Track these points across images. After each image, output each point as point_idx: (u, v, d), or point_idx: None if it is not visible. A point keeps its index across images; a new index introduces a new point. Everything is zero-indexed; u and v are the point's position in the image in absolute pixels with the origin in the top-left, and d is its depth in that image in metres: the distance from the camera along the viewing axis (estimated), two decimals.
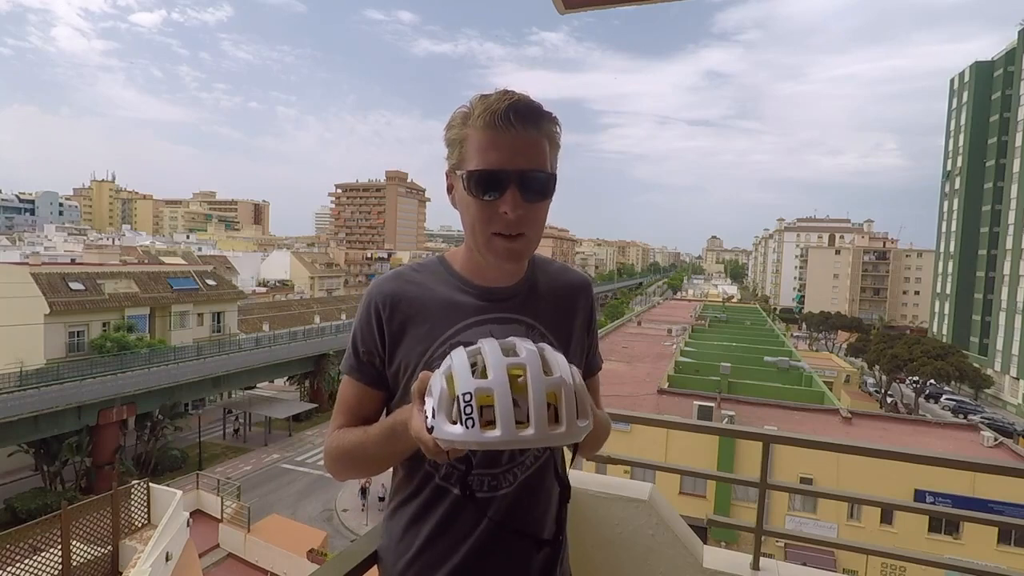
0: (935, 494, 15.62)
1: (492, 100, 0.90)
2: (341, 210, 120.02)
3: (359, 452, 0.98)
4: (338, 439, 1.02)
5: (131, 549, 9.79)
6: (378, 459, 0.98)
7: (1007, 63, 55.26)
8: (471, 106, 0.92)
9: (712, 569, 1.85)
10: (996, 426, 31.10)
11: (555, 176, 0.93)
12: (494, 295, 1.03)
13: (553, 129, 0.93)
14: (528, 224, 0.92)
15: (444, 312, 1.01)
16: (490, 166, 0.89)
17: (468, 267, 1.04)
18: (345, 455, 1.00)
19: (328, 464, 1.05)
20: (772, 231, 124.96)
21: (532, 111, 0.90)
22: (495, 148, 0.89)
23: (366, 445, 0.96)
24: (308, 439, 29.95)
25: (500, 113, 0.88)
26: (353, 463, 1.01)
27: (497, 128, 0.88)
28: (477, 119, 0.90)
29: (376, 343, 1.02)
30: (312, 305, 49.67)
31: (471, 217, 0.94)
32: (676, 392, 22.70)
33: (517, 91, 0.92)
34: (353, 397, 1.04)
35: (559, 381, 0.72)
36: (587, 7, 1.27)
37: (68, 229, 77.23)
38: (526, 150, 0.90)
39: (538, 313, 1.06)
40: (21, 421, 19.76)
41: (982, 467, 1.78)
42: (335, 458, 1.02)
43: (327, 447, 1.04)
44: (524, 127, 0.89)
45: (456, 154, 0.94)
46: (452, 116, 0.95)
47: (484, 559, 0.99)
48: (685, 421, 2.20)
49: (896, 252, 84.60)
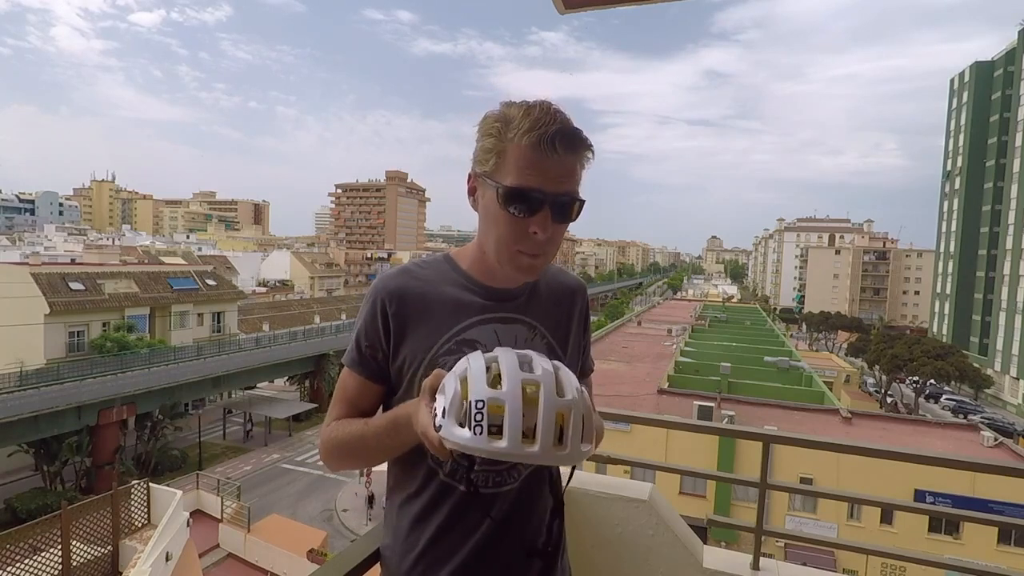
0: (935, 494, 15.63)
1: (537, 119, 0.89)
2: (341, 210, 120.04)
3: (357, 444, 0.99)
4: (336, 430, 1.02)
5: (131, 549, 9.81)
6: (377, 451, 0.98)
7: (1007, 63, 55.30)
8: (510, 116, 0.92)
9: (712, 569, 1.85)
10: (996, 426, 31.11)
11: (583, 201, 0.95)
12: (498, 295, 1.05)
13: (588, 155, 0.94)
14: (551, 243, 0.95)
15: (449, 310, 1.02)
16: (530, 185, 0.90)
17: (475, 267, 1.06)
18: (343, 446, 1.01)
19: (323, 454, 1.05)
20: (772, 231, 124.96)
21: (576, 139, 0.91)
22: (536, 170, 0.89)
23: (366, 437, 0.97)
24: (308, 439, 29.95)
25: (547, 138, 0.88)
26: (350, 454, 1.01)
27: (542, 152, 0.89)
28: (522, 136, 0.89)
29: (380, 338, 1.02)
30: (312, 305, 49.69)
31: (499, 230, 0.94)
32: (676, 392, 22.71)
33: (558, 107, 0.92)
34: (353, 389, 1.05)
35: (570, 403, 0.75)
36: (587, 7, 1.27)
37: (68, 229, 77.22)
38: (564, 175, 0.91)
39: (539, 315, 1.09)
40: (21, 421, 19.78)
41: (982, 467, 1.78)
42: (331, 448, 1.03)
43: (324, 437, 1.05)
44: (566, 153, 0.90)
45: (492, 163, 0.93)
46: (488, 120, 0.94)
47: (489, 555, 1.00)
48: (685, 421, 2.20)
49: (896, 252, 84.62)
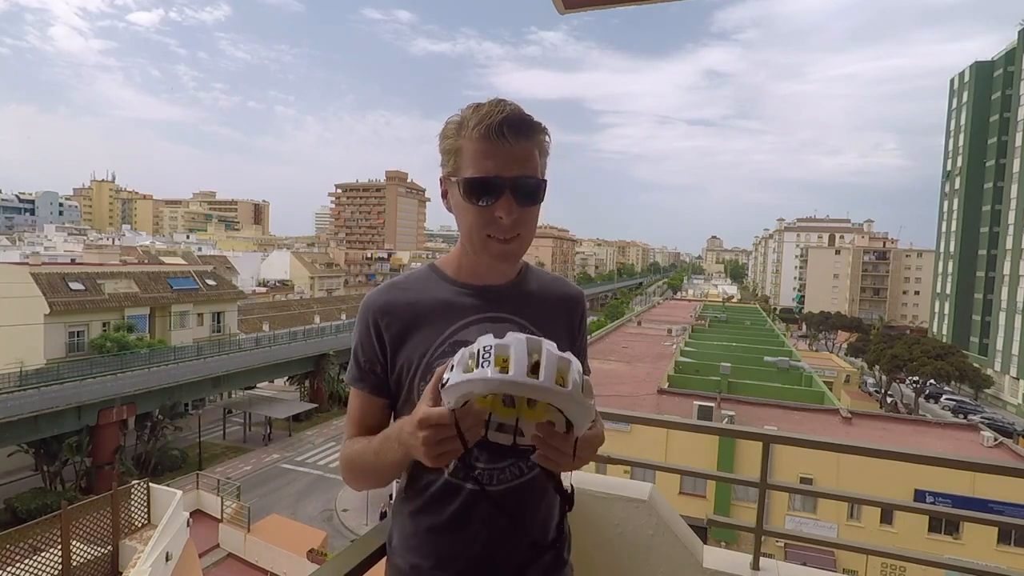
0: (935, 494, 15.62)
1: (486, 112, 0.95)
2: (341, 210, 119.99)
3: (361, 462, 1.03)
4: (347, 448, 1.07)
5: (131, 549, 9.81)
6: (376, 468, 1.00)
7: (1007, 63, 55.28)
8: (464, 116, 0.97)
9: (712, 569, 1.85)
10: (996, 426, 31.08)
11: (545, 182, 1.00)
12: (488, 294, 1.07)
13: (543, 138, 1.00)
14: (521, 227, 0.99)
15: (441, 314, 1.04)
16: (486, 174, 0.95)
17: (460, 270, 1.09)
18: (353, 465, 1.05)
19: (343, 474, 1.10)
20: (772, 231, 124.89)
21: (524, 123, 0.95)
22: (490, 158, 0.94)
23: (366, 454, 1.00)
24: (308, 439, 29.96)
25: (495, 126, 0.93)
26: (360, 472, 1.05)
27: (492, 140, 0.93)
28: (472, 131, 0.95)
29: (376, 352, 1.06)
30: (312, 305, 49.68)
31: (468, 221, 1.00)
32: (676, 392, 22.70)
33: (508, 101, 0.97)
34: (358, 409, 1.09)
35: (569, 358, 0.79)
36: (587, 7, 1.27)
37: (68, 229, 77.23)
38: (519, 159, 0.95)
39: (532, 315, 1.10)
40: (21, 421, 19.76)
41: (982, 467, 1.78)
42: (345, 468, 1.08)
43: (340, 457, 1.10)
44: (516, 139, 0.94)
45: (452, 163, 0.99)
46: (445, 126, 1.01)
47: (497, 552, 1.01)
48: (685, 421, 2.20)
49: (896, 252, 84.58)
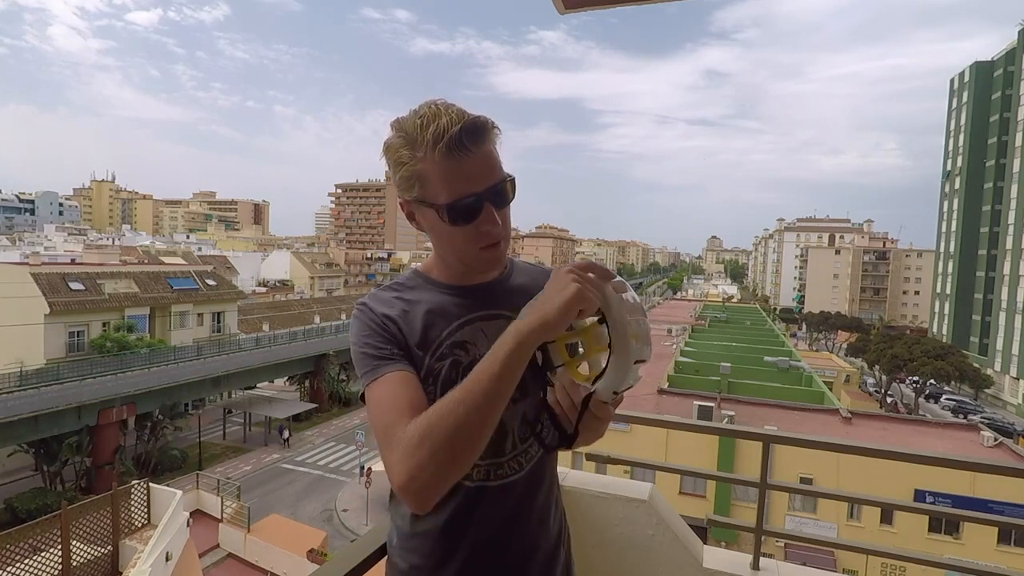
0: (935, 494, 15.62)
1: (439, 127, 0.88)
2: (341, 210, 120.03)
3: (458, 412, 0.80)
4: (418, 429, 0.81)
5: (131, 549, 9.82)
6: (488, 395, 0.80)
7: (1007, 63, 55.31)
8: (409, 132, 0.91)
9: (712, 569, 1.85)
10: (996, 426, 31.10)
11: (514, 178, 0.95)
12: (478, 294, 1.06)
13: (496, 134, 0.94)
14: (504, 227, 0.96)
15: (434, 318, 1.02)
16: (464, 195, 0.90)
17: (445, 273, 1.06)
18: (443, 432, 0.79)
19: (416, 466, 0.80)
20: (772, 231, 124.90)
21: (479, 127, 0.90)
22: (461, 177, 0.89)
23: (465, 400, 0.80)
24: (308, 439, 29.97)
25: (455, 143, 0.87)
26: (465, 424, 0.80)
27: (456, 157, 0.88)
28: (433, 151, 0.88)
29: (390, 336, 0.98)
30: (312, 305, 49.72)
31: (455, 243, 0.96)
32: (676, 392, 22.68)
33: (445, 103, 0.92)
34: (403, 391, 0.90)
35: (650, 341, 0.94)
36: (587, 7, 1.27)
37: (68, 229, 77.27)
38: (487, 167, 0.91)
39: (519, 308, 1.07)
40: (21, 421, 19.76)
41: (982, 467, 1.78)
42: (433, 448, 0.79)
43: (406, 450, 0.81)
44: (478, 146, 0.90)
45: (418, 188, 0.92)
46: (392, 149, 0.93)
47: (498, 548, 1.01)
48: (685, 421, 2.20)
49: (896, 252, 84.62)
